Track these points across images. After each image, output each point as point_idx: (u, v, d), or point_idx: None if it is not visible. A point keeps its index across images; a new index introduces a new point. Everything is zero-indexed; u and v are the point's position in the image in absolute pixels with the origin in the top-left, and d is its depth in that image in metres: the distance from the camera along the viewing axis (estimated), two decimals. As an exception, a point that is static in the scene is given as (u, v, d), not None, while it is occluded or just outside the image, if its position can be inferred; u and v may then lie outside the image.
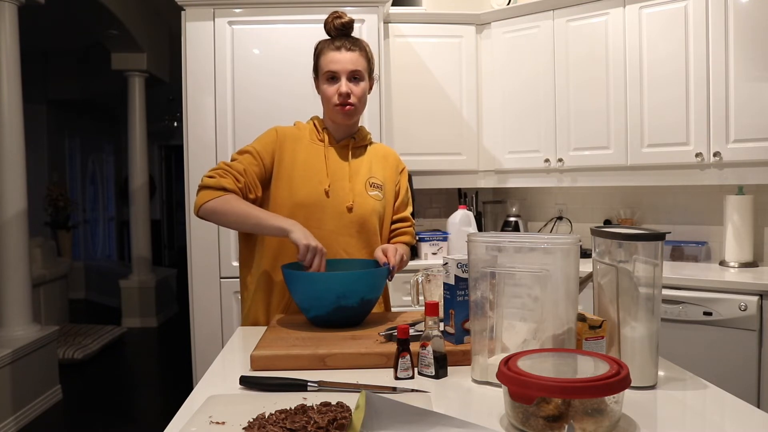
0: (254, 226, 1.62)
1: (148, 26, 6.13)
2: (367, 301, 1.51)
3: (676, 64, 2.75)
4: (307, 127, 1.78)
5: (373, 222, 1.74)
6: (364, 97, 1.74)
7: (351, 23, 1.72)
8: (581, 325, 1.14)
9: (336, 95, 1.68)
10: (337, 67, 1.68)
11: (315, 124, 1.78)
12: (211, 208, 1.61)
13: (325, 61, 1.70)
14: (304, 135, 1.75)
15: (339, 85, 1.68)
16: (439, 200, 3.78)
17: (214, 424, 0.94)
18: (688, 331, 2.49)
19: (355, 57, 1.69)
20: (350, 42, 1.71)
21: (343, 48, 1.69)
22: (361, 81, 1.71)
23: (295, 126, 1.80)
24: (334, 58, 1.68)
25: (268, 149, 1.71)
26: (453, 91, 3.36)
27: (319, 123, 1.78)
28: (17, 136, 3.49)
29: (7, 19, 3.43)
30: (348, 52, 1.69)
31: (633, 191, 3.25)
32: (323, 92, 1.73)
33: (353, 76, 1.69)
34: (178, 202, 10.64)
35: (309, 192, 1.68)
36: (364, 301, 1.49)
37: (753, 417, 1.00)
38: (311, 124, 1.79)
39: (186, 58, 2.94)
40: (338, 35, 1.72)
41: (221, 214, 1.61)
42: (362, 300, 1.48)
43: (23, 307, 3.54)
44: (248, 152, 1.70)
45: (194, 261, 2.95)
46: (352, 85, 1.69)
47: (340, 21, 1.71)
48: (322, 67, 1.71)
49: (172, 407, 1.23)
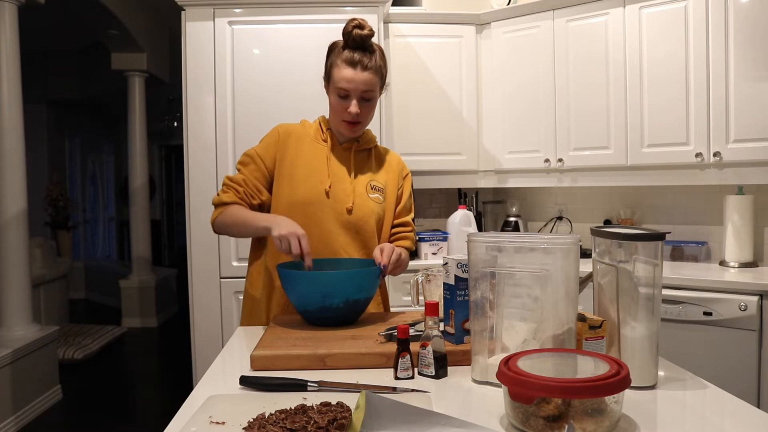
0: (249, 230, 1.67)
1: (148, 26, 6.13)
2: (354, 302, 1.50)
3: (676, 64, 2.75)
4: (313, 126, 1.78)
5: (371, 224, 1.74)
6: (373, 113, 1.72)
7: (371, 36, 1.65)
8: (581, 325, 1.14)
9: (345, 113, 1.67)
10: (350, 87, 1.64)
11: (320, 124, 1.78)
12: (219, 224, 1.71)
13: (338, 76, 1.65)
14: (308, 133, 1.76)
15: (349, 104, 1.65)
16: (439, 200, 3.78)
17: (214, 424, 0.94)
18: (688, 331, 2.49)
19: (369, 78, 1.64)
20: (367, 57, 1.64)
21: (359, 66, 1.63)
22: (373, 99, 1.69)
23: (300, 124, 1.80)
24: (348, 77, 1.63)
25: (269, 151, 1.73)
26: (453, 91, 3.36)
27: (324, 123, 1.78)
28: (17, 136, 3.49)
29: (7, 19, 3.43)
30: (363, 72, 1.63)
31: (633, 191, 3.25)
32: (332, 103, 1.70)
33: (365, 97, 1.66)
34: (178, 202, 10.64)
35: (309, 191, 1.68)
36: (351, 302, 1.49)
37: (753, 417, 1.00)
38: (317, 123, 1.79)
39: (186, 58, 2.94)
40: (355, 47, 1.65)
41: (227, 226, 1.69)
42: (348, 300, 1.48)
43: (23, 307, 3.54)
44: (249, 157, 1.74)
45: (194, 261, 2.95)
46: (362, 105, 1.66)
47: (359, 33, 1.63)
48: (335, 80, 1.66)
49: (172, 407, 1.23)
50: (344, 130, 1.71)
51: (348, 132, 1.71)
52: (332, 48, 1.70)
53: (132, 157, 6.21)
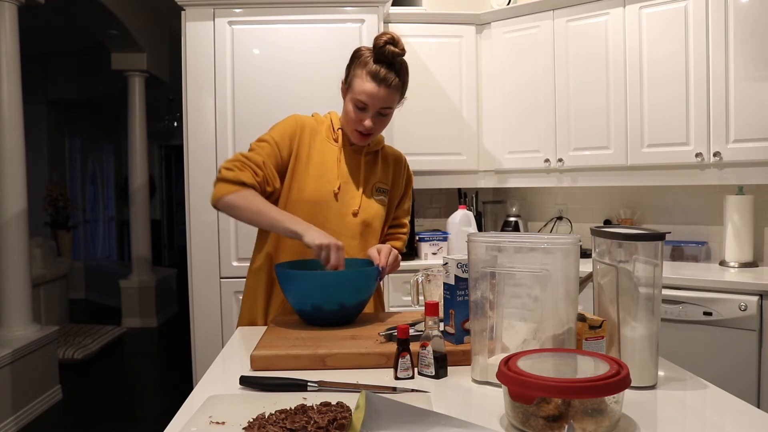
0: (269, 226, 1.61)
1: (148, 26, 6.13)
2: (351, 304, 1.51)
3: (676, 64, 2.75)
4: (325, 123, 1.75)
5: (375, 226, 1.75)
6: (386, 126, 1.70)
7: (402, 55, 1.60)
8: (581, 325, 1.14)
9: (359, 124, 1.65)
10: (369, 102, 1.61)
11: (332, 121, 1.75)
12: (229, 203, 1.60)
13: (359, 88, 1.61)
14: (321, 130, 1.73)
15: (365, 117, 1.63)
16: (439, 200, 3.78)
17: (214, 424, 0.94)
18: (688, 331, 2.49)
19: (390, 95, 1.61)
20: (392, 74, 1.60)
21: (383, 84, 1.59)
22: (389, 114, 1.67)
23: (313, 117, 1.77)
24: (370, 92, 1.59)
25: (285, 140, 1.68)
26: (453, 91, 3.36)
27: (335, 121, 1.75)
28: (17, 136, 3.49)
29: (7, 19, 3.43)
30: (385, 90, 1.59)
31: (633, 191, 3.25)
32: (347, 110, 1.66)
33: (382, 113, 1.64)
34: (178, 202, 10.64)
35: (317, 190, 1.67)
36: (347, 304, 1.49)
37: (753, 417, 1.00)
38: (329, 120, 1.75)
39: (186, 58, 2.94)
40: (383, 61, 1.60)
41: (238, 209, 1.60)
42: (344, 302, 1.48)
43: (23, 307, 3.54)
44: (266, 142, 1.67)
45: (194, 261, 2.95)
46: (377, 119, 1.64)
47: (392, 50, 1.58)
48: (355, 90, 1.62)
49: (172, 407, 1.23)
50: (355, 138, 1.69)
51: (358, 141, 1.69)
52: (358, 55, 1.64)
53: (132, 157, 6.21)
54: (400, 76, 1.62)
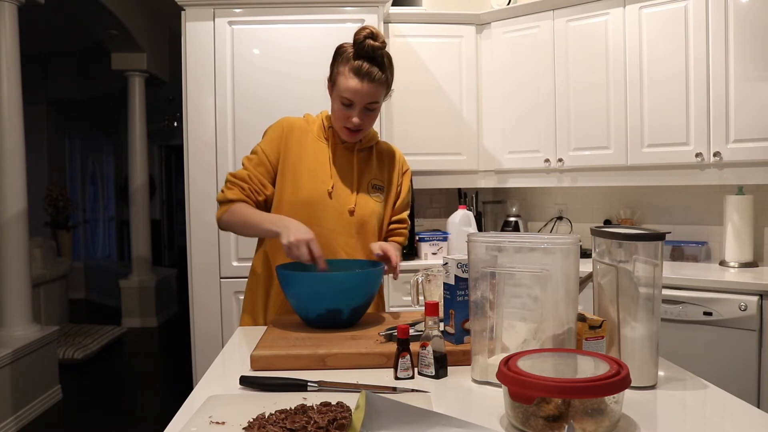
0: (256, 232, 1.67)
1: (148, 26, 6.13)
2: (359, 306, 1.50)
3: (676, 64, 2.75)
4: (316, 122, 1.76)
5: (372, 224, 1.74)
6: (375, 120, 1.71)
7: (383, 48, 1.60)
8: (581, 325, 1.14)
9: (347, 120, 1.65)
10: (354, 98, 1.61)
11: (323, 121, 1.76)
12: (225, 222, 1.69)
13: (343, 85, 1.61)
14: (312, 130, 1.74)
15: (352, 113, 1.63)
16: (439, 200, 3.78)
17: (214, 424, 0.94)
18: (688, 331, 2.49)
19: (374, 89, 1.61)
20: (375, 68, 1.59)
21: (366, 78, 1.59)
22: (376, 109, 1.67)
23: (304, 118, 1.78)
24: (353, 88, 1.59)
25: (273, 147, 1.72)
26: (453, 91, 3.36)
27: (327, 120, 1.75)
28: (17, 136, 3.49)
29: (7, 19, 3.43)
30: (369, 84, 1.59)
31: (633, 191, 3.25)
32: (334, 108, 1.67)
33: (368, 108, 1.64)
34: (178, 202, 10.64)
35: (312, 191, 1.68)
36: (356, 307, 1.49)
37: (753, 417, 1.00)
38: (320, 119, 1.76)
39: (186, 58, 2.94)
40: (365, 56, 1.59)
41: (233, 225, 1.69)
42: (354, 306, 1.48)
43: (23, 307, 3.54)
44: (255, 153, 1.73)
45: (194, 261, 2.95)
46: (364, 114, 1.65)
47: (372, 44, 1.57)
48: (339, 88, 1.62)
49: (172, 407, 1.23)
50: (344, 135, 1.70)
51: (348, 138, 1.70)
52: (340, 52, 1.65)
53: (132, 157, 6.21)
54: (384, 70, 1.62)
